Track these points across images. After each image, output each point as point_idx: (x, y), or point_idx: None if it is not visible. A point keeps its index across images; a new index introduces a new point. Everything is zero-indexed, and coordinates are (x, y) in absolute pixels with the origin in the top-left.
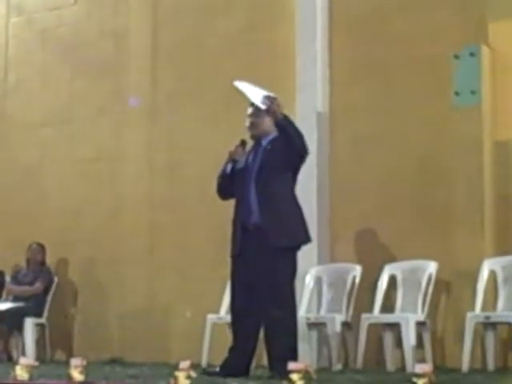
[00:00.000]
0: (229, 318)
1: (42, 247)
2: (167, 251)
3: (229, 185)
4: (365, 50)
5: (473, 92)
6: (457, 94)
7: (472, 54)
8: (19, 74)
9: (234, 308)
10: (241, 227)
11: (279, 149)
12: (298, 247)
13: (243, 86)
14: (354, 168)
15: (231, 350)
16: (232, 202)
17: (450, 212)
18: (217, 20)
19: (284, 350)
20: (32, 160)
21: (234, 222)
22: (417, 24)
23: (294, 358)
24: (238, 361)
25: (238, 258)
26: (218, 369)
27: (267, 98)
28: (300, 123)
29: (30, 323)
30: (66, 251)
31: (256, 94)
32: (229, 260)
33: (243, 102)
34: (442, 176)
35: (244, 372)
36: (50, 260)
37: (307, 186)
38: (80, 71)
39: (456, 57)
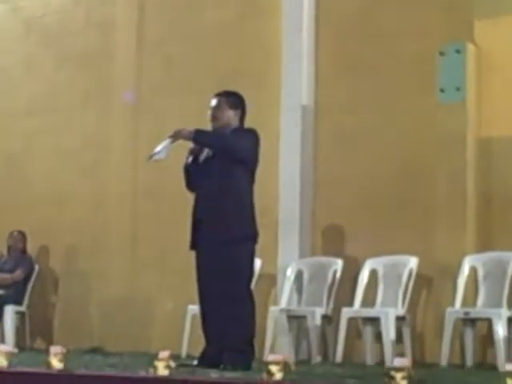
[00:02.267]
0: None
1: (22, 235)
2: (150, 241)
3: (192, 178)
4: (350, 45)
5: (458, 89)
6: (442, 90)
7: (457, 51)
8: (3, 62)
9: (200, 300)
10: (193, 220)
11: None
12: (242, 240)
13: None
14: (337, 162)
15: (205, 341)
16: None
17: (432, 208)
18: (203, 12)
19: (240, 341)
20: (16, 149)
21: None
22: (403, 20)
23: (248, 350)
24: (212, 352)
25: (194, 250)
26: (195, 362)
27: (171, 135)
28: (284, 116)
29: (9, 311)
30: (49, 239)
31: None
32: None
33: None
34: (425, 172)
35: (220, 363)
36: (31, 248)
37: (290, 179)
38: (65, 61)
39: (441, 54)
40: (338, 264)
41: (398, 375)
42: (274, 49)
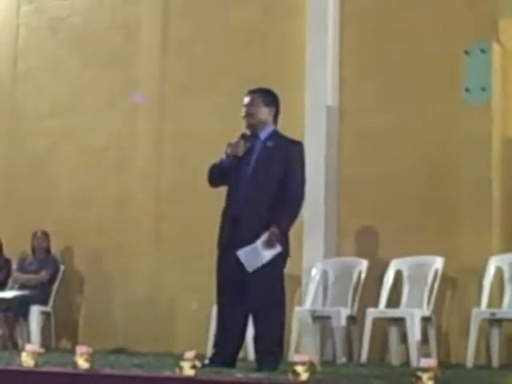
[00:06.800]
0: None
1: (46, 235)
2: (174, 242)
3: (224, 175)
4: (375, 45)
5: (483, 89)
6: (467, 90)
7: (482, 51)
8: (29, 63)
9: (222, 299)
10: (231, 218)
11: (279, 154)
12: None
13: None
14: (361, 162)
15: (219, 341)
16: None
17: (457, 208)
18: (228, 13)
19: (272, 343)
20: (41, 149)
21: (225, 212)
22: (427, 20)
23: (281, 351)
24: (226, 352)
25: (226, 248)
26: (207, 361)
27: (265, 243)
28: (309, 117)
29: (35, 311)
30: (73, 240)
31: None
32: None
33: None
34: (451, 172)
35: (231, 364)
36: (56, 248)
37: (315, 180)
38: (90, 61)
39: (466, 53)
40: (363, 264)
41: (425, 376)
42: (298, 49)
